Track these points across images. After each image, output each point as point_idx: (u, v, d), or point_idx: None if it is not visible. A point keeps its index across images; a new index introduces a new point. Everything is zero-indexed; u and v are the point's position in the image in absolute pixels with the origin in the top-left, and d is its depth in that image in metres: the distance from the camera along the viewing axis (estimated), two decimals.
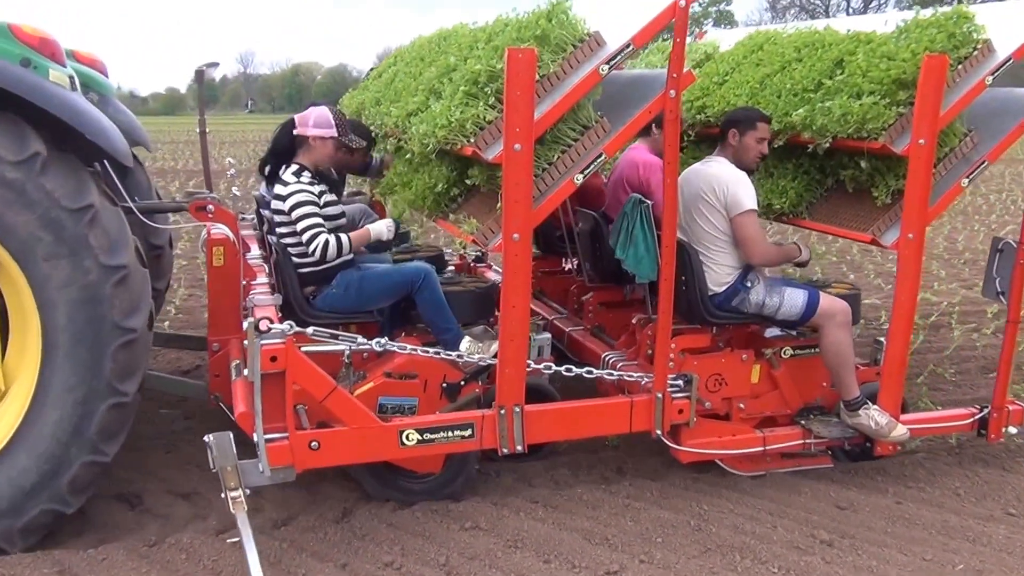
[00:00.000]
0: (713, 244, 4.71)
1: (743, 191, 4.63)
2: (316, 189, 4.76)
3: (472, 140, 4.07)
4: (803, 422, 4.90)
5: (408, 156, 4.82)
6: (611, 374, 4.63)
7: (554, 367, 4.63)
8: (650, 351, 4.82)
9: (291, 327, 3.97)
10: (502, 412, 4.25)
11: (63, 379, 4.08)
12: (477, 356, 4.54)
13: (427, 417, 4.36)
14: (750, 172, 4.85)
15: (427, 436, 4.22)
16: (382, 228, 4.97)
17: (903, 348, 4.72)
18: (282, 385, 3.96)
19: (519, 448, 4.32)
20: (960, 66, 4.62)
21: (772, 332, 5.12)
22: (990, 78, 4.53)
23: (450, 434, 4.25)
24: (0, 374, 4.20)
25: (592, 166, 4.16)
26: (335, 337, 4.19)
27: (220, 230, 5.20)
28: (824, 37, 5.27)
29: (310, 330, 4.08)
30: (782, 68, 5.30)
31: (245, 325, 3.88)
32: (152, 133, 7.37)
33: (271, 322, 3.93)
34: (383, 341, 4.23)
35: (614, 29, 4.18)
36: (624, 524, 4.47)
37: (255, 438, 3.98)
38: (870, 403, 4.77)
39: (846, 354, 4.72)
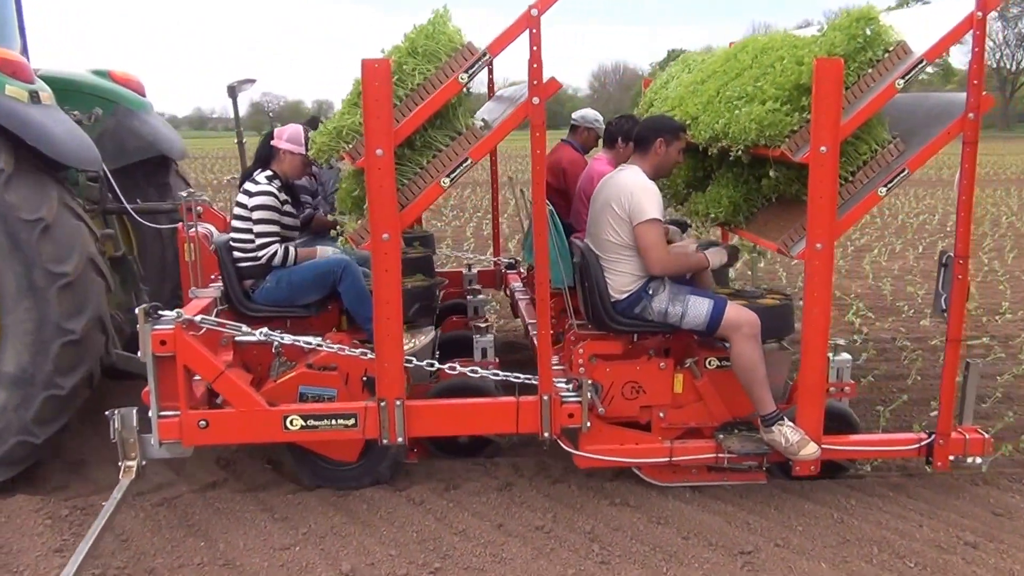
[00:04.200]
0: (615, 252, 4.72)
1: (648, 200, 4.62)
2: (281, 197, 5.24)
3: (350, 147, 4.37)
4: (720, 436, 4.78)
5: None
6: (496, 374, 4.74)
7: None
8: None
9: (179, 314, 4.42)
10: (383, 404, 4.48)
11: None
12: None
13: (311, 404, 4.66)
14: (663, 179, 4.86)
15: (311, 423, 4.53)
16: (327, 251, 5.37)
17: (819, 363, 4.54)
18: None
19: (400, 439, 4.53)
20: (872, 69, 4.44)
21: None
22: (900, 81, 4.32)
23: (333, 422, 4.54)
24: None
25: (458, 170, 4.35)
26: (222, 325, 4.59)
27: (204, 228, 5.76)
28: (773, 43, 5.18)
29: (197, 318, 4.50)
30: (736, 76, 5.25)
31: (136, 311, 4.36)
32: None
33: (161, 309, 4.40)
34: (265, 331, 4.58)
35: (485, 39, 4.37)
36: (767, 511, 4.69)
37: (150, 414, 4.45)
38: (786, 419, 4.60)
39: (754, 368, 4.58)
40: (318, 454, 4.92)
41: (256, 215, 5.11)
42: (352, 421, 4.53)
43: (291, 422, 4.51)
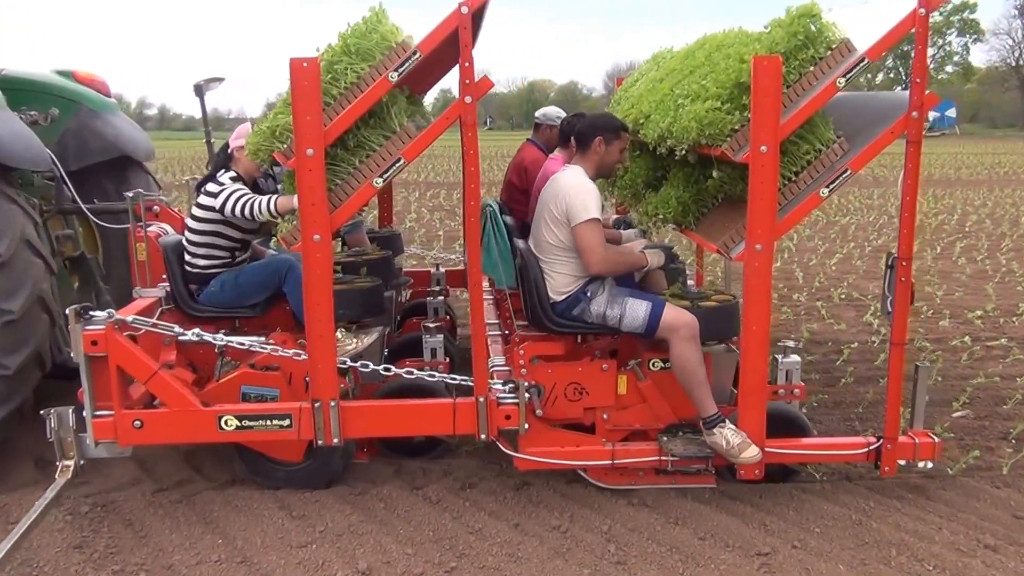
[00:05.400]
0: (553, 254, 4.67)
1: (585, 200, 4.56)
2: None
3: (285, 147, 4.34)
4: (664, 439, 4.72)
5: None
6: (432, 375, 4.70)
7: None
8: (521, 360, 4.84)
9: (110, 314, 4.40)
10: (317, 405, 4.45)
11: None
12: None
13: (246, 404, 4.63)
14: (607, 179, 4.79)
15: (246, 423, 4.51)
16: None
17: (760, 366, 4.47)
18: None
19: (335, 441, 4.50)
20: (814, 67, 4.37)
21: None
22: (842, 80, 4.24)
23: (268, 423, 4.51)
24: None
25: (391, 170, 4.31)
26: (156, 326, 4.57)
27: (160, 228, 5.75)
28: (727, 39, 5.11)
29: (129, 318, 4.48)
30: (690, 73, 5.18)
31: (67, 311, 4.35)
32: None
33: (92, 309, 4.38)
34: (197, 331, 4.56)
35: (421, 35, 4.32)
36: (785, 512, 4.66)
37: (84, 414, 4.44)
38: (727, 422, 4.54)
39: (693, 370, 4.52)
40: (263, 453, 4.89)
41: (229, 206, 4.93)
42: (287, 422, 4.50)
43: (226, 422, 4.49)
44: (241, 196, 4.93)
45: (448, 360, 5.47)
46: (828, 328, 8.58)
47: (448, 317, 6.70)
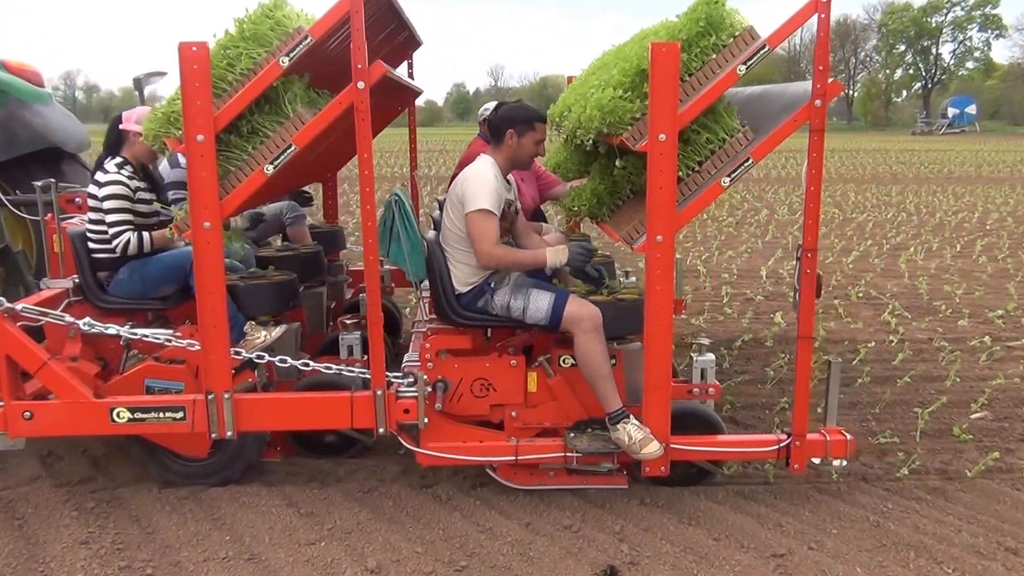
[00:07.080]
0: (457, 243, 4.58)
1: (478, 190, 4.44)
2: (133, 184, 5.07)
3: (179, 133, 4.27)
4: (571, 435, 4.62)
5: None
6: (329, 368, 4.61)
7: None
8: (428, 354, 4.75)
9: (0, 303, 4.34)
10: (210, 397, 4.37)
11: None
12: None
13: (139, 397, 4.55)
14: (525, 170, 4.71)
15: (138, 415, 4.42)
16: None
17: (664, 360, 4.36)
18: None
19: (229, 433, 4.41)
20: (717, 55, 4.29)
21: None
22: (742, 67, 4.16)
23: (161, 415, 4.43)
24: None
25: (281, 157, 4.23)
26: (45, 314, 4.50)
27: (81, 219, 5.66)
28: (656, 31, 5.02)
29: (19, 306, 4.41)
30: (615, 65, 5.09)
31: None
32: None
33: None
34: (90, 321, 4.49)
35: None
36: (801, 513, 4.59)
37: None
38: (631, 418, 4.44)
39: (596, 363, 4.42)
40: (166, 448, 4.81)
41: (107, 205, 4.96)
42: (180, 414, 4.42)
43: (118, 414, 4.41)
44: (118, 221, 4.98)
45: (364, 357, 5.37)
46: (845, 327, 8.44)
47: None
